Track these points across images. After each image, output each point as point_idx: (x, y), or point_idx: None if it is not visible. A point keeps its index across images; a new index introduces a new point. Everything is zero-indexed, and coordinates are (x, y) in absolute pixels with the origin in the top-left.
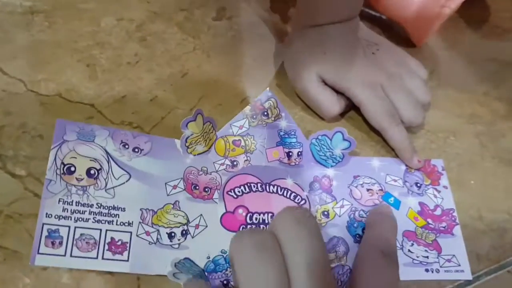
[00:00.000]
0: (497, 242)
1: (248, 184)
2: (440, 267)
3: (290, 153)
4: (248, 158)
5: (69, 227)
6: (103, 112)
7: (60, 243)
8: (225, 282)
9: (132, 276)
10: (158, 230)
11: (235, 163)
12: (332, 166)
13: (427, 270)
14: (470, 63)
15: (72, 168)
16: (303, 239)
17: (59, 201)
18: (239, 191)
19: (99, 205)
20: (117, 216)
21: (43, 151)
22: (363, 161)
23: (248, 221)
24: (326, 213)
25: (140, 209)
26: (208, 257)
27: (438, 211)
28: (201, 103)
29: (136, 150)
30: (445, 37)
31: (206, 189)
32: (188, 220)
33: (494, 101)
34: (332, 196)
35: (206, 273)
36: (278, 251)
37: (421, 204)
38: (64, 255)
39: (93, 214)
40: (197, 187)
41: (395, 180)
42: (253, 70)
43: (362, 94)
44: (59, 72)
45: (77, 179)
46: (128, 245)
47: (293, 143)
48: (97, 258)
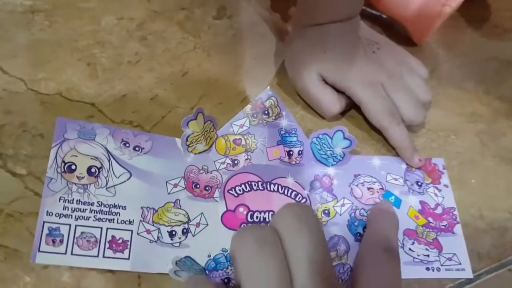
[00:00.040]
0: (498, 241)
1: (249, 183)
2: (441, 265)
3: (291, 152)
4: (249, 157)
5: (70, 225)
6: (104, 111)
7: (61, 241)
8: (226, 280)
9: (133, 274)
10: (159, 229)
11: (235, 162)
12: (332, 165)
13: (428, 269)
14: (471, 62)
15: (73, 167)
16: (304, 234)
17: (60, 199)
18: (239, 190)
19: (100, 203)
20: (118, 214)
21: (44, 150)
22: (363, 160)
23: (249, 219)
24: (326, 211)
25: (141, 207)
26: (209, 256)
27: (439, 210)
28: (201, 102)
29: (137, 148)
30: (446, 36)
31: (207, 188)
32: (189, 219)
33: (495, 100)
34: (333, 195)
35: (207, 272)
36: (280, 247)
37: (422, 202)
38: (65, 253)
39: (94, 213)
40: (198, 186)
41: (395, 179)
42: (253, 69)
43: (362, 93)
44: (60, 71)
45: (77, 177)
46: (129, 243)
47: (293, 142)
48: (98, 256)
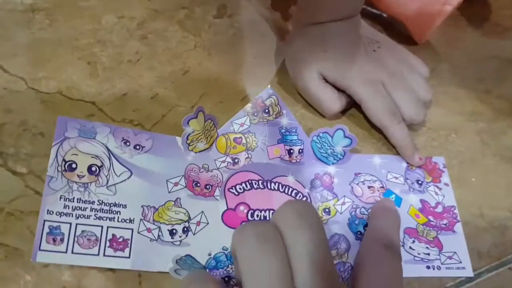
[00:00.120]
0: (498, 240)
1: (249, 181)
2: (441, 264)
3: (291, 151)
4: (249, 156)
5: (71, 224)
6: (104, 110)
7: (62, 239)
8: (226, 278)
9: (134, 273)
10: (159, 227)
11: (236, 160)
12: (333, 163)
13: (428, 267)
14: (471, 61)
15: (74, 165)
16: (305, 231)
17: (61, 198)
18: (240, 188)
19: (101, 202)
20: (119, 213)
21: (44, 149)
22: (364, 158)
23: (250, 218)
24: (327, 210)
25: (142, 206)
26: (210, 254)
27: (439, 209)
28: (202, 101)
29: (137, 147)
30: (446, 35)
31: (207, 186)
32: (189, 217)
33: (495, 98)
34: (333, 193)
35: (207, 270)
36: (281, 243)
37: (422, 201)
38: (66, 252)
39: (95, 211)
40: (198, 184)
41: (396, 178)
42: (254, 68)
43: (363, 92)
44: (60, 70)
45: (78, 176)
46: (129, 242)
47: (294, 141)
48: (98, 255)
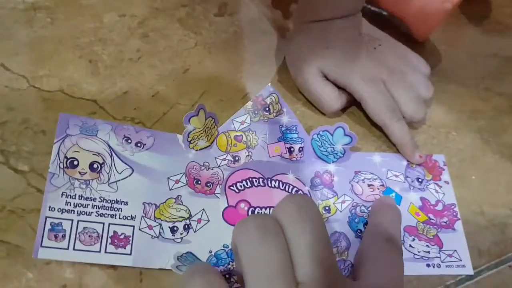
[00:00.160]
0: (498, 237)
1: (250, 179)
2: (442, 262)
3: (292, 149)
4: (250, 154)
5: (72, 220)
6: (105, 108)
7: (63, 236)
8: (227, 276)
9: (135, 270)
10: (160, 224)
11: (236, 158)
12: (333, 161)
13: (428, 265)
14: (472, 59)
15: (75, 162)
16: (305, 223)
17: (62, 194)
18: (241, 186)
19: (102, 199)
20: (120, 210)
21: (46, 147)
22: (364, 156)
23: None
24: (327, 208)
25: (143, 203)
26: (210, 251)
27: (439, 206)
28: (202, 99)
29: (139, 144)
30: (447, 33)
31: (208, 184)
32: (190, 215)
33: (496, 96)
34: (334, 192)
35: None
36: (281, 235)
37: (422, 199)
38: (67, 249)
39: (96, 208)
40: (199, 182)
41: (396, 176)
42: (254, 66)
43: (363, 90)
44: (61, 68)
45: (80, 173)
46: (130, 239)
47: (294, 139)
48: (100, 251)
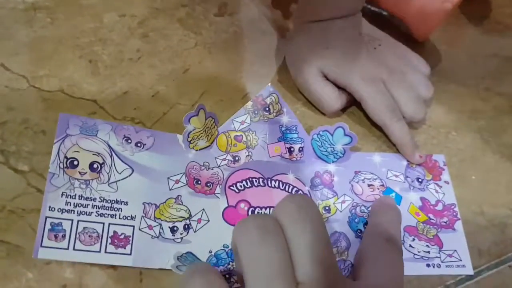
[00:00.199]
0: (498, 237)
1: (250, 179)
2: (442, 262)
3: (292, 149)
4: (250, 154)
5: (72, 220)
6: (105, 108)
7: (63, 236)
8: (227, 276)
9: (135, 270)
10: (160, 224)
11: (236, 158)
12: (333, 161)
13: (428, 265)
14: (472, 59)
15: (75, 162)
16: (305, 223)
17: (62, 194)
18: (241, 186)
19: (102, 199)
20: (120, 210)
21: (46, 147)
22: (364, 156)
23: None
24: (327, 208)
25: (143, 203)
26: (210, 251)
27: (439, 206)
28: (202, 99)
29: (139, 144)
30: (447, 33)
31: (208, 184)
32: (190, 215)
33: (496, 96)
34: (334, 192)
35: None
36: (281, 235)
37: (422, 199)
38: (67, 249)
39: (96, 208)
40: (199, 182)
41: (396, 176)
42: (254, 66)
43: (363, 90)
44: (61, 68)
45: (80, 173)
46: (130, 239)
47: (294, 139)
48: (100, 251)
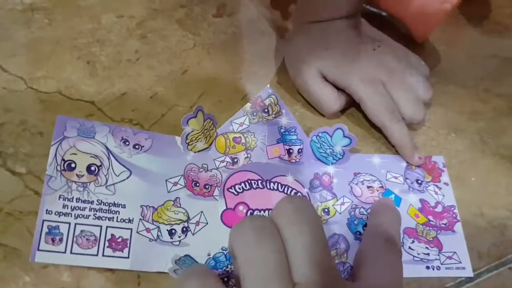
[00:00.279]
0: (498, 239)
1: (249, 181)
2: (441, 264)
3: (291, 150)
4: (249, 155)
5: (70, 223)
6: (103, 110)
7: (60, 239)
8: (225, 279)
9: (133, 273)
10: (158, 227)
11: (235, 160)
12: (332, 163)
13: (428, 267)
14: (471, 60)
15: (73, 165)
16: (302, 224)
17: (60, 197)
18: (239, 188)
19: (100, 201)
20: (118, 212)
21: (43, 149)
22: (363, 158)
23: None
24: (326, 210)
25: (141, 206)
26: (209, 254)
27: (439, 208)
28: (201, 100)
29: (137, 146)
30: (446, 34)
31: (207, 186)
32: (188, 217)
33: (495, 97)
34: (333, 193)
35: None
36: (278, 236)
37: (422, 201)
38: (65, 252)
39: (94, 211)
40: (198, 184)
41: (395, 177)
42: (253, 67)
43: (362, 91)
44: (59, 69)
45: (77, 175)
46: (128, 242)
47: (293, 140)
48: (97, 255)
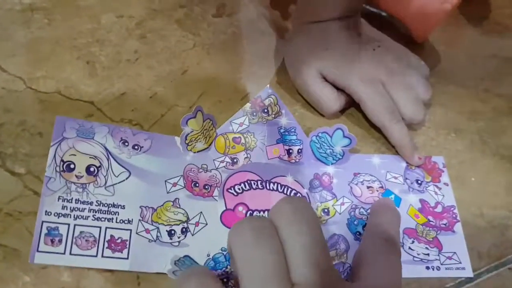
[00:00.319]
0: (498, 239)
1: (248, 182)
2: (441, 264)
3: (290, 151)
4: (248, 156)
5: (69, 224)
6: (103, 110)
7: (60, 241)
8: (225, 279)
9: (132, 274)
10: (158, 228)
11: (235, 160)
12: (332, 163)
13: (428, 268)
14: (471, 60)
15: (72, 166)
16: (300, 225)
17: (59, 198)
18: (239, 189)
19: (99, 202)
20: (117, 213)
21: (42, 149)
22: (363, 158)
23: None
24: (326, 210)
25: (140, 206)
26: (208, 255)
27: (439, 208)
28: (201, 100)
29: (136, 147)
30: (446, 34)
31: (206, 187)
32: (188, 218)
33: (495, 97)
34: (333, 194)
35: None
36: (276, 237)
37: (421, 201)
38: (64, 253)
39: (93, 212)
40: (197, 185)
41: (395, 178)
42: (253, 67)
43: (362, 91)
44: (59, 69)
45: (76, 176)
46: (127, 242)
47: (293, 141)
48: (96, 256)
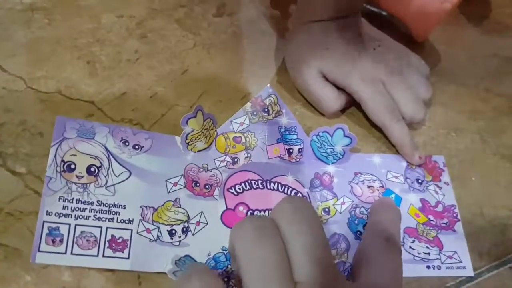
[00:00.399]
0: (498, 239)
1: (249, 181)
2: (442, 263)
3: (291, 150)
4: (249, 155)
5: (70, 224)
6: (103, 109)
7: (61, 240)
8: (225, 279)
9: (133, 273)
10: (158, 228)
11: (235, 160)
12: (333, 163)
13: (428, 267)
14: (471, 59)
15: (72, 166)
16: (302, 224)
17: (60, 198)
18: (239, 188)
19: (100, 202)
20: (118, 213)
21: (43, 149)
22: (364, 157)
23: None
24: (327, 210)
25: (141, 206)
26: (209, 254)
27: (439, 208)
28: (201, 100)
29: (137, 147)
30: (447, 33)
31: (207, 186)
32: (188, 217)
33: (495, 97)
34: (333, 193)
35: None
36: (278, 236)
37: (422, 200)
38: (65, 253)
39: (94, 212)
40: (198, 184)
41: (396, 177)
42: (253, 67)
43: (362, 90)
44: (59, 69)
45: (77, 176)
46: (128, 242)
47: (293, 140)
48: (97, 255)
